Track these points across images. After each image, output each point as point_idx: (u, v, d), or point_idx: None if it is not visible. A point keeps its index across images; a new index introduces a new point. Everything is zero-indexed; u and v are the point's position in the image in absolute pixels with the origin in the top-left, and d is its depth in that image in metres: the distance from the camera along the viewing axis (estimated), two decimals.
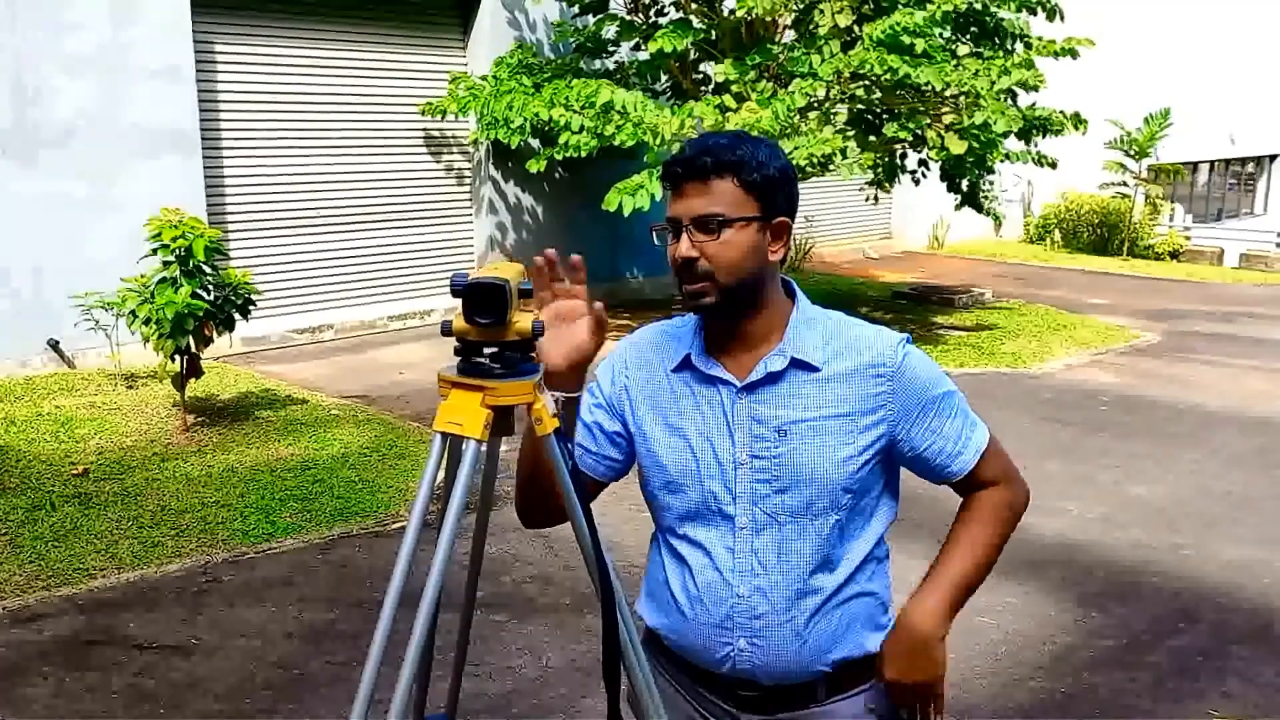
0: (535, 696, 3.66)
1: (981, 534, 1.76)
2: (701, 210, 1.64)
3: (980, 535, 1.75)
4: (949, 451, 1.74)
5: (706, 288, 1.65)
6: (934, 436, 1.72)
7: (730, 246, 1.64)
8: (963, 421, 1.75)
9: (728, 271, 1.64)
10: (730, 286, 1.65)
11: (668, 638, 1.81)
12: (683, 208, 1.65)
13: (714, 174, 1.64)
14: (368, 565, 4.71)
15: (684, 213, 1.65)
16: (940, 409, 1.72)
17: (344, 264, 9.68)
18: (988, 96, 8.12)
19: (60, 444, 6.13)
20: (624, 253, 11.20)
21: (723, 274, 1.64)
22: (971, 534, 1.76)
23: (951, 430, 1.73)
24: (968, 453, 1.75)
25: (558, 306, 1.59)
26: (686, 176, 1.65)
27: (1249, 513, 5.53)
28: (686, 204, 1.65)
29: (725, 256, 1.64)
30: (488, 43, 10.06)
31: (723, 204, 1.64)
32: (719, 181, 1.64)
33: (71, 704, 3.58)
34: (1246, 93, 19.95)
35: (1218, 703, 3.69)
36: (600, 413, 1.82)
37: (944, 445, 1.73)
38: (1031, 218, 17.31)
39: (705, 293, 1.66)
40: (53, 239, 7.70)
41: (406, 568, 1.49)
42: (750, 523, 1.70)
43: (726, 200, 1.64)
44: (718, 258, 1.64)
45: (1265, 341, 10.05)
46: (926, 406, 1.71)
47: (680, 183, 1.66)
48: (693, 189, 1.65)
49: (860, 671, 1.76)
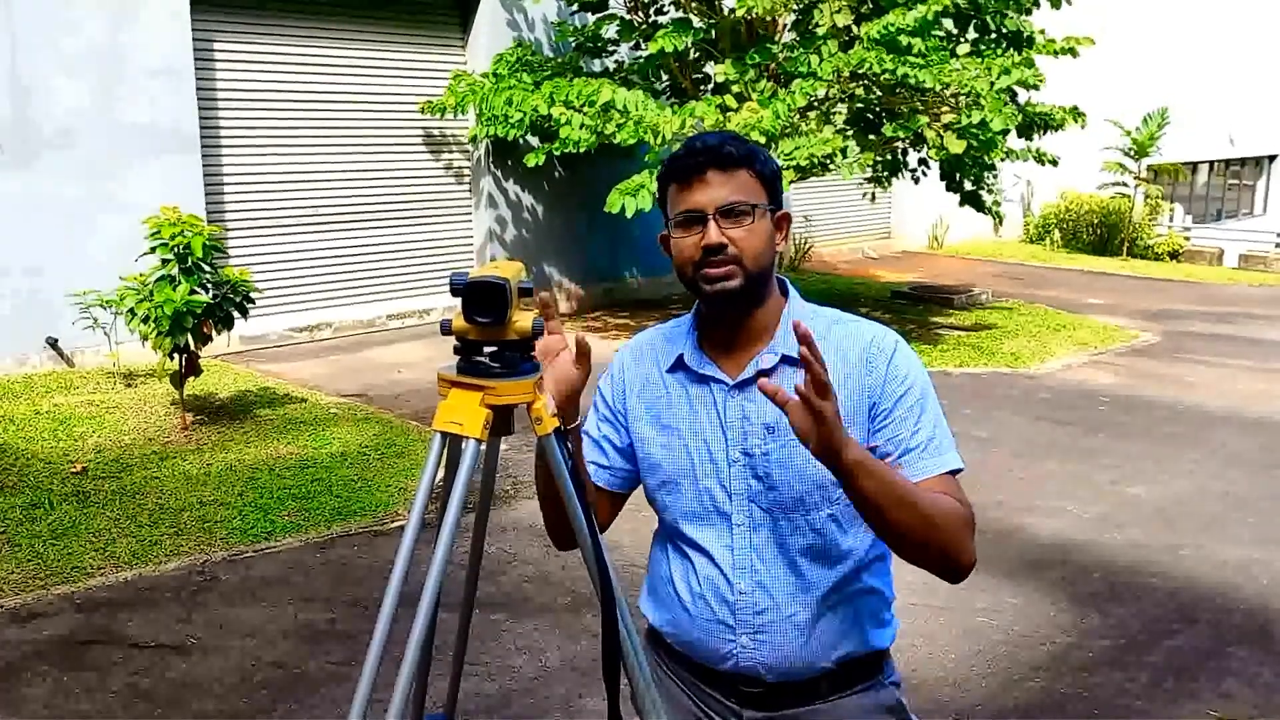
0: (534, 695, 3.66)
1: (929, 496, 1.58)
2: (728, 198, 1.65)
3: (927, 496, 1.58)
4: (908, 448, 1.65)
5: (734, 271, 1.65)
6: (899, 429, 1.65)
7: (756, 234, 1.66)
8: (934, 432, 1.67)
9: (753, 259, 1.66)
10: (754, 274, 1.67)
11: (671, 635, 1.81)
12: (706, 197, 1.65)
13: (734, 164, 1.66)
14: (366, 564, 4.71)
15: (708, 202, 1.65)
16: (916, 408, 1.67)
17: (343, 262, 9.68)
18: (987, 96, 8.12)
19: (59, 442, 6.12)
20: (623, 252, 11.20)
21: (749, 261, 1.65)
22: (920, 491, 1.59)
23: (921, 435, 1.65)
24: (927, 459, 1.64)
25: (543, 343, 1.61)
26: (709, 165, 1.65)
27: (1247, 513, 5.53)
28: (710, 193, 1.65)
29: (752, 244, 1.65)
30: (487, 41, 10.06)
31: (746, 192, 1.66)
32: (740, 171, 1.66)
33: (69, 703, 3.58)
34: (1246, 93, 19.96)
35: (1215, 703, 3.69)
36: (607, 426, 1.84)
37: (903, 440, 1.65)
38: (1031, 218, 17.31)
39: (732, 275, 1.65)
40: (51, 237, 7.70)
41: (405, 567, 1.49)
42: (747, 520, 1.70)
43: (749, 189, 1.66)
44: (745, 244, 1.65)
45: (1264, 342, 10.06)
46: (902, 399, 1.66)
47: (701, 172, 1.66)
48: (717, 178, 1.65)
49: (864, 668, 1.76)
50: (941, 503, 1.60)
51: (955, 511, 1.60)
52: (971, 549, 1.62)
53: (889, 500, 1.52)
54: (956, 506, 1.61)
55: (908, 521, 1.54)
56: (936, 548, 1.58)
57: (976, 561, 1.64)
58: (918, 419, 1.66)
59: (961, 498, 1.64)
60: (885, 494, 1.52)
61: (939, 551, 1.59)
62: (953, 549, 1.59)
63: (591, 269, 11.02)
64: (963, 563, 1.62)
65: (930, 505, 1.57)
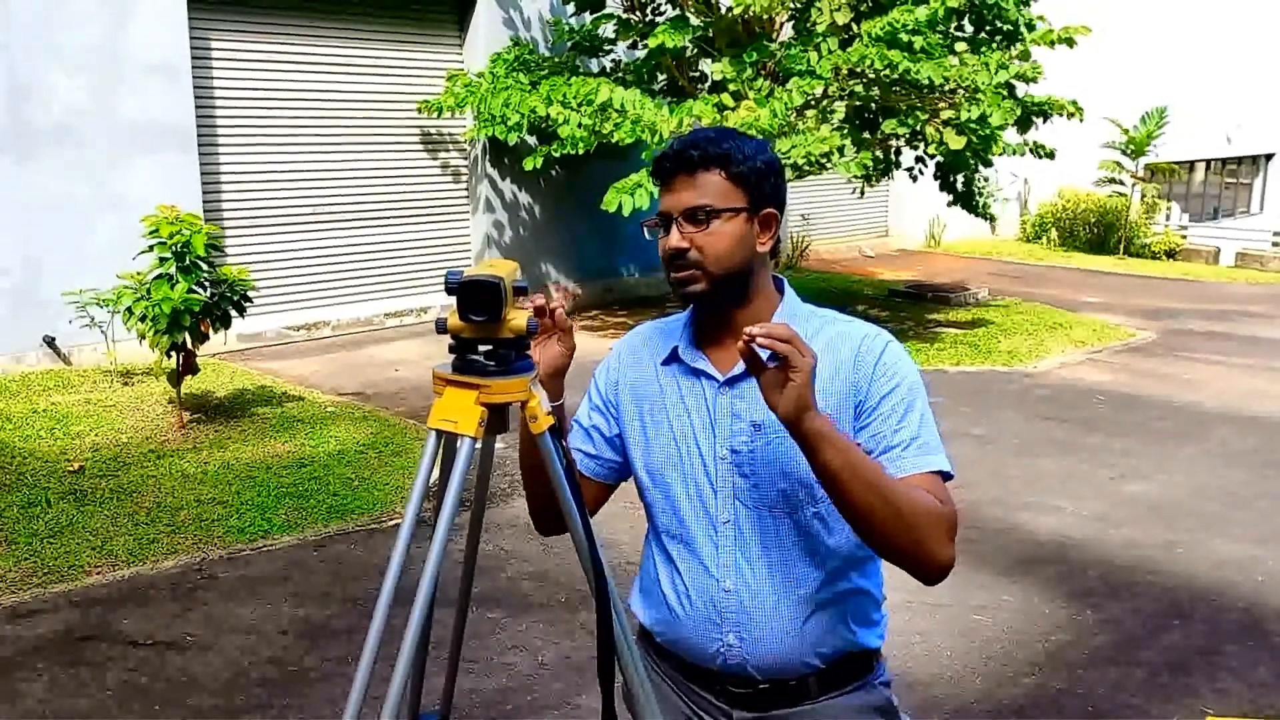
0: (530, 693, 3.67)
1: (903, 487, 1.56)
2: (690, 202, 1.66)
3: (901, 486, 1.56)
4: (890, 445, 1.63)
5: (695, 275, 1.67)
6: (882, 426, 1.64)
7: (719, 237, 1.66)
8: (920, 431, 1.64)
9: (716, 261, 1.66)
10: (719, 276, 1.67)
11: (660, 634, 1.82)
12: (672, 201, 1.68)
13: (701, 166, 1.66)
14: (363, 562, 4.72)
15: (673, 206, 1.68)
16: (901, 406, 1.65)
17: (340, 261, 9.67)
18: (987, 90, 8.13)
19: (56, 441, 6.12)
20: (619, 250, 11.20)
21: (712, 264, 1.66)
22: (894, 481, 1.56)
23: (904, 434, 1.63)
24: (910, 458, 1.62)
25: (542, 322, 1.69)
26: (675, 170, 1.68)
27: (1243, 511, 5.54)
28: (675, 197, 1.68)
29: (714, 247, 1.66)
30: (484, 41, 10.06)
31: (710, 195, 1.66)
32: (706, 174, 1.66)
33: (65, 700, 3.58)
34: (1243, 92, 19.96)
35: (1211, 700, 3.70)
36: (597, 416, 1.85)
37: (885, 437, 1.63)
38: (1028, 216, 17.32)
39: (694, 280, 1.67)
40: (48, 235, 7.69)
41: (401, 564, 1.49)
42: (733, 517, 1.71)
43: (714, 192, 1.66)
44: (707, 248, 1.66)
45: (1260, 340, 10.07)
46: (887, 397, 1.65)
47: (669, 177, 1.69)
48: (681, 182, 1.67)
49: (853, 667, 1.76)
50: (916, 495, 1.56)
51: (932, 508, 1.56)
52: (948, 551, 1.57)
53: (853, 478, 1.49)
54: (934, 503, 1.57)
55: (873, 505, 1.51)
56: (907, 540, 1.54)
57: (953, 565, 1.59)
58: (902, 417, 1.64)
59: (944, 497, 1.60)
60: (849, 471, 1.49)
61: (910, 545, 1.54)
62: (925, 546, 1.55)
63: (589, 267, 11.02)
64: (936, 561, 1.57)
65: (903, 495, 1.54)
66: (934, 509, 1.57)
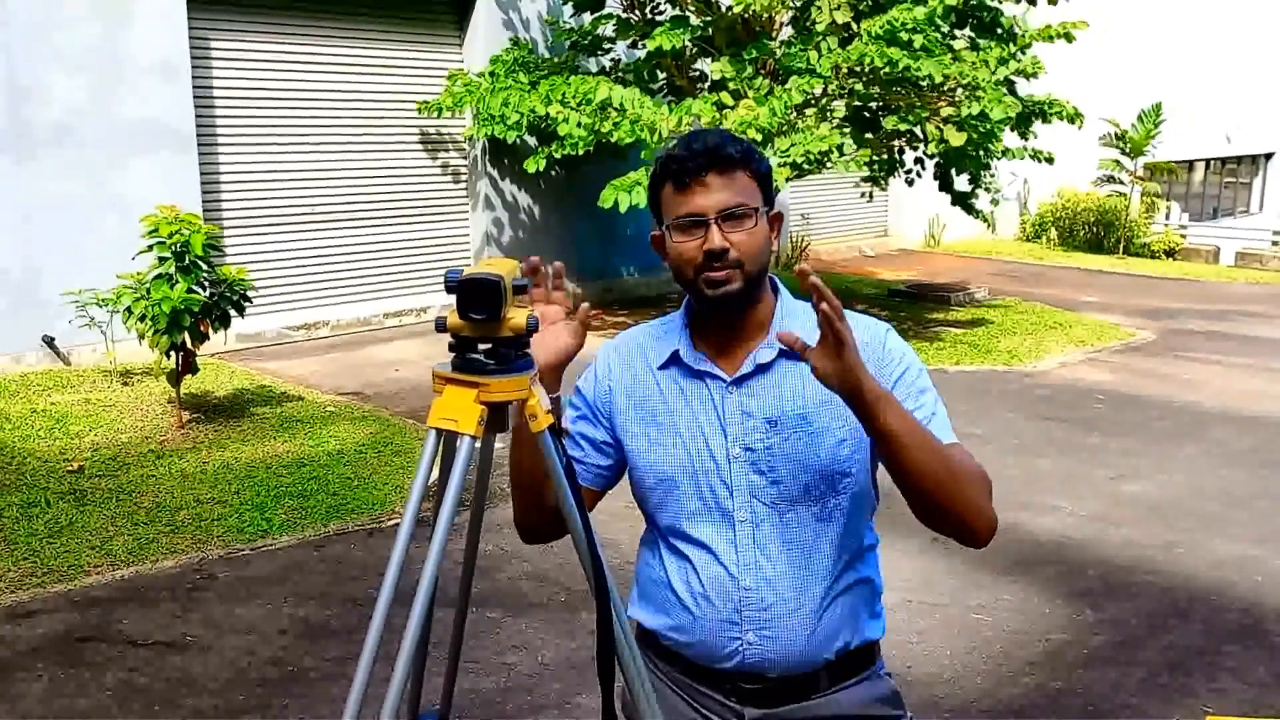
0: (529, 693, 3.67)
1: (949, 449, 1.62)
2: (729, 202, 1.64)
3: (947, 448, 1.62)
4: None
5: (734, 274, 1.66)
6: None
7: (756, 236, 1.66)
8: (937, 409, 1.70)
9: (753, 260, 1.66)
10: (754, 275, 1.68)
11: (669, 637, 1.79)
12: (708, 201, 1.64)
13: (739, 165, 1.65)
14: (362, 562, 4.72)
15: (710, 205, 1.64)
16: (915, 386, 1.70)
17: (340, 260, 9.67)
18: (987, 87, 8.13)
19: (55, 440, 6.12)
20: (618, 250, 11.21)
21: (750, 263, 1.66)
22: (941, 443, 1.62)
23: (924, 411, 1.67)
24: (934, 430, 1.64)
25: (541, 310, 1.69)
26: (710, 167, 1.64)
27: (1242, 511, 5.54)
28: (712, 196, 1.64)
29: (751, 246, 1.66)
30: (484, 41, 10.06)
31: (745, 195, 1.66)
32: (739, 173, 1.66)
33: (65, 700, 3.58)
34: (1243, 92, 19.97)
35: (1209, 699, 3.70)
36: (584, 423, 1.83)
37: None
38: (1028, 216, 17.32)
39: (733, 279, 1.66)
40: (48, 235, 7.69)
41: (401, 564, 1.49)
42: (750, 515, 1.70)
43: (748, 191, 1.66)
44: (746, 247, 1.65)
45: (1260, 340, 10.07)
46: (900, 379, 1.69)
47: (701, 174, 1.64)
48: (717, 181, 1.64)
49: (860, 659, 1.77)
50: (961, 456, 1.62)
51: (975, 467, 1.63)
52: (992, 510, 1.64)
53: (913, 440, 1.53)
54: (976, 463, 1.64)
55: (932, 466, 1.55)
56: (961, 500, 1.59)
57: (997, 526, 1.65)
58: (918, 396, 1.69)
59: (977, 462, 1.66)
60: (910, 433, 1.53)
61: (962, 504, 1.59)
62: (974, 504, 1.61)
63: (588, 268, 11.02)
64: (985, 521, 1.62)
65: (953, 456, 1.60)
66: (979, 472, 1.64)
